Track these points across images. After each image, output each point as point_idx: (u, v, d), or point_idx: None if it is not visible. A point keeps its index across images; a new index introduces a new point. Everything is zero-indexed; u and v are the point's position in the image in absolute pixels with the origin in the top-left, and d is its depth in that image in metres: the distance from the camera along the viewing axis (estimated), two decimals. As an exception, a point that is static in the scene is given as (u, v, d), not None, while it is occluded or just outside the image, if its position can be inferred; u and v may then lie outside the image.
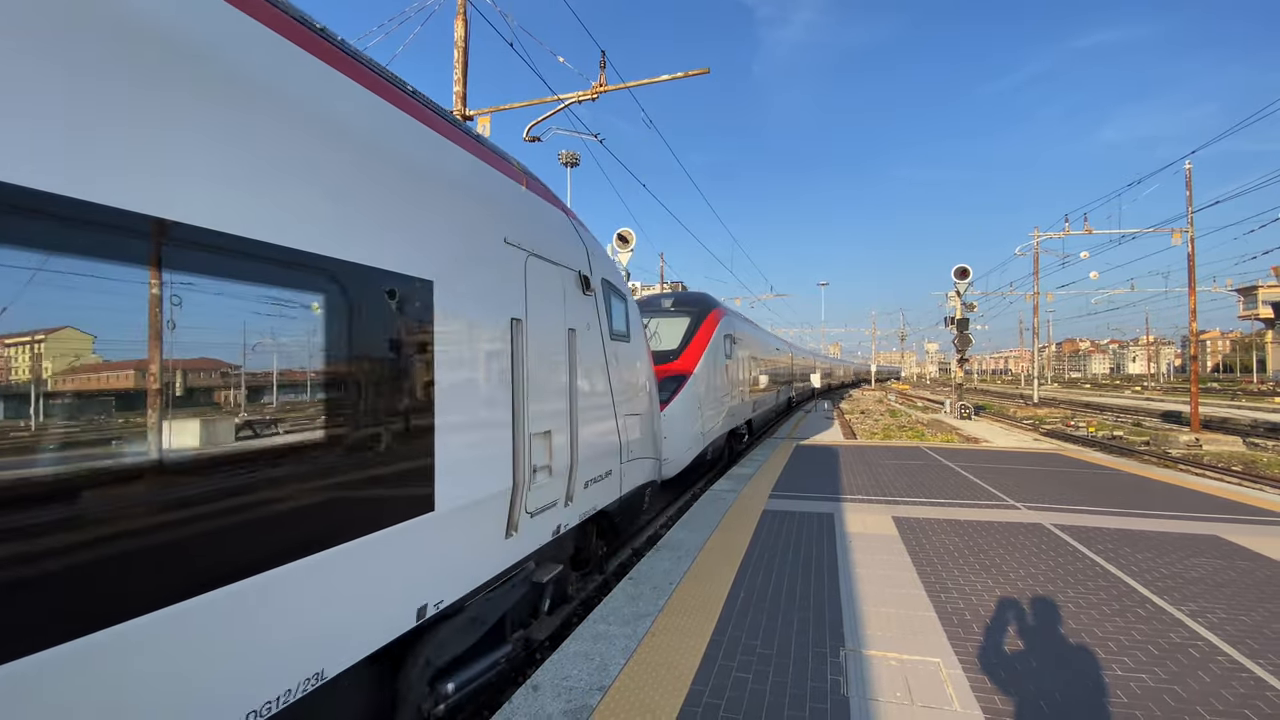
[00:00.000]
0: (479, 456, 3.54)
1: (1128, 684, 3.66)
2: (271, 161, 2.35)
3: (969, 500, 8.77)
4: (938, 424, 25.87)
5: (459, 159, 3.80)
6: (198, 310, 2.07)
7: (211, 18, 2.25)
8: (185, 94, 2.06)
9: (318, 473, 2.44)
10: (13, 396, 1.68)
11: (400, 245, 2.99)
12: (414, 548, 2.98)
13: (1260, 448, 21.62)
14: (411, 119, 3.38)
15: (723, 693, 3.56)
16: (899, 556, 6.11)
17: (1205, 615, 4.68)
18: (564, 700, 3.49)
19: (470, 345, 3.52)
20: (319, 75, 2.74)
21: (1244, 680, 3.70)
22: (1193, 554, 6.21)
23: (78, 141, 1.74)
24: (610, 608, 4.84)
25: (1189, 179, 24.42)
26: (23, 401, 1.69)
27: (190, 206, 2.03)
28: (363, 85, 3.03)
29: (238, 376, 2.24)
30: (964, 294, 25.42)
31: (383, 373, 2.81)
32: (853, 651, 4.07)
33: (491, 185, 4.13)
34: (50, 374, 1.73)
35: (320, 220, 2.53)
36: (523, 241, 4.23)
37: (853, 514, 7.89)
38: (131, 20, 1.93)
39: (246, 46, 2.37)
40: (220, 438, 2.17)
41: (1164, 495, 9.16)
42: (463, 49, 11.34)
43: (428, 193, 3.32)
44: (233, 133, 2.21)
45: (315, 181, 2.54)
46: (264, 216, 2.28)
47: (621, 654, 4.05)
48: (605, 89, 12.12)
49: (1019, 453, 14.49)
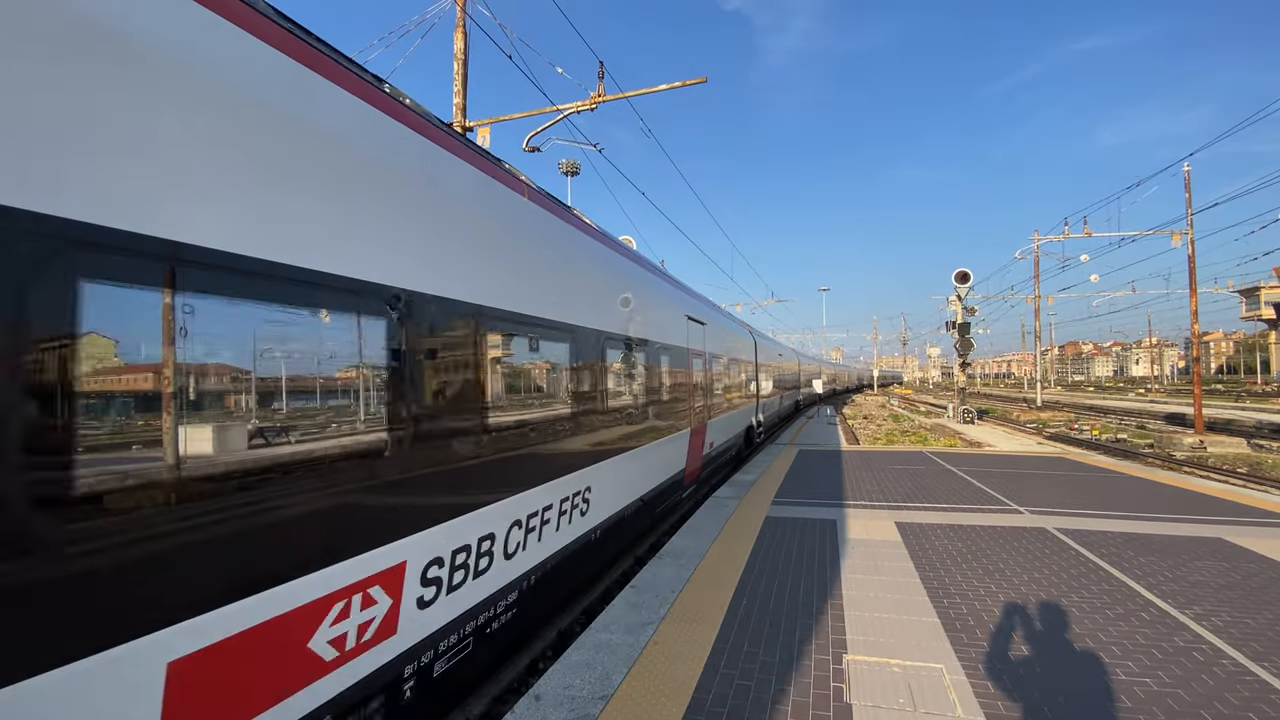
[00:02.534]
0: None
1: (1132, 688, 3.64)
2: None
3: (972, 505, 8.75)
4: (940, 428, 25.81)
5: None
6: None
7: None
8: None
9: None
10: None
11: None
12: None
13: (1265, 449, 21.52)
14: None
15: (725, 701, 3.56)
16: (902, 562, 6.10)
17: (1210, 619, 4.66)
18: (566, 710, 3.48)
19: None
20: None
21: (1248, 684, 3.69)
22: (1197, 557, 6.19)
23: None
24: (612, 616, 4.84)
25: (1188, 181, 24.47)
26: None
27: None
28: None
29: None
30: (965, 298, 25.44)
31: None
32: (855, 658, 4.07)
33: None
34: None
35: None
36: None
37: (855, 520, 7.88)
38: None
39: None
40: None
41: (1168, 498, 9.12)
42: (462, 61, 11.46)
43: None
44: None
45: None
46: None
47: (624, 663, 4.04)
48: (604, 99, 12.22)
49: (1022, 457, 14.44)
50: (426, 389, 3.30)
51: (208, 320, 2.18)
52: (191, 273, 2.07)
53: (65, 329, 1.74)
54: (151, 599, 1.95)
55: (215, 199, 2.16)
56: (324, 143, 2.73)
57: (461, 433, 3.61)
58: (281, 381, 2.53)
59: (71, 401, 1.75)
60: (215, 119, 2.20)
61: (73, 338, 1.76)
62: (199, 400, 2.19)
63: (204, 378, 2.21)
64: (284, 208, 2.45)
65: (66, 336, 1.74)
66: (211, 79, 2.22)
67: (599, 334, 5.83)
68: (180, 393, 2.08)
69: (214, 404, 2.27)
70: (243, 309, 2.32)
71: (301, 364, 2.61)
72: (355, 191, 2.85)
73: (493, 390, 3.97)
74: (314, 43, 2.86)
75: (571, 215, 5.97)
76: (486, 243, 4.06)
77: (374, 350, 2.92)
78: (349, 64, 3.07)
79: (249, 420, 2.39)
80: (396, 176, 3.19)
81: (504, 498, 4.03)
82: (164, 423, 2.02)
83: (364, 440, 2.87)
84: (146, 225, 1.91)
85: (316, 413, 2.69)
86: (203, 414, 2.20)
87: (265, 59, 2.49)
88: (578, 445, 5.23)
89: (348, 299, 2.73)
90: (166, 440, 2.02)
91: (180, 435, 2.07)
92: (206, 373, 2.22)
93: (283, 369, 2.53)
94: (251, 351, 2.38)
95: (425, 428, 3.27)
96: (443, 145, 3.74)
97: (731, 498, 9.40)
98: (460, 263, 3.68)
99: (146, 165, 1.93)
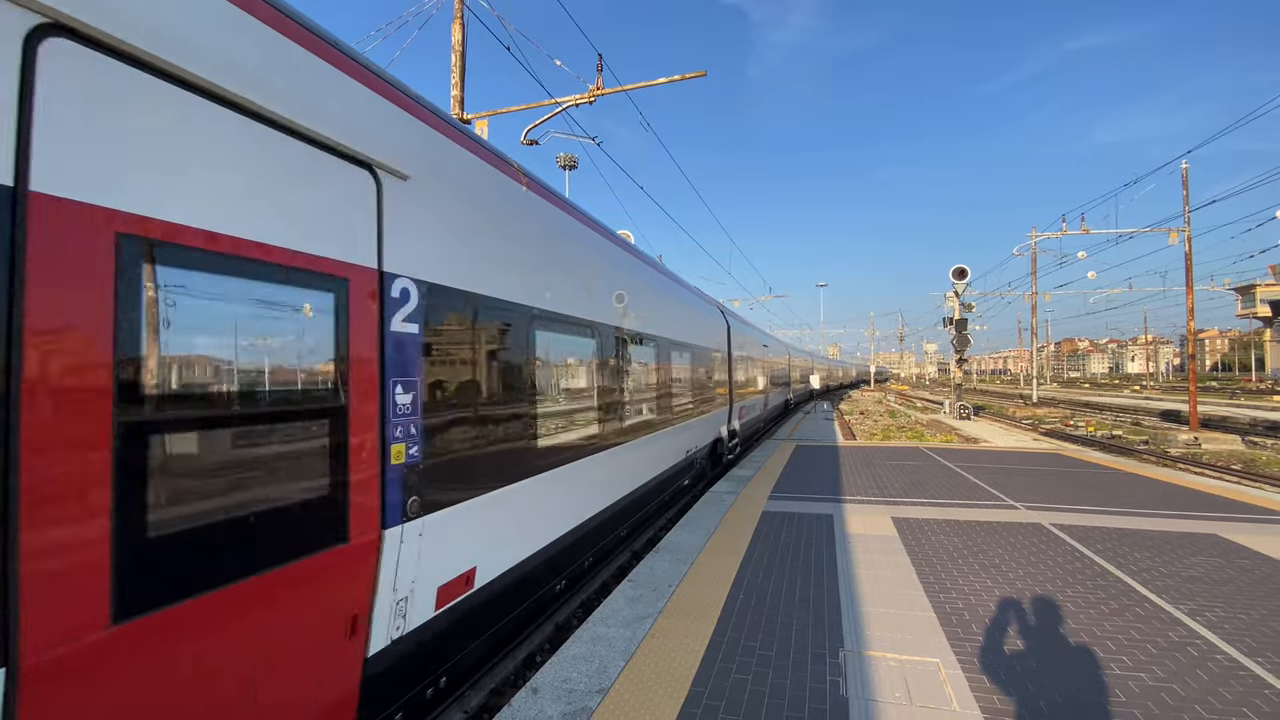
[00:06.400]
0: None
1: (1126, 683, 3.66)
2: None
3: (968, 500, 8.78)
4: (937, 424, 25.88)
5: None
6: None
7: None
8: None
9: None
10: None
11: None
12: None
13: (1259, 446, 21.63)
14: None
15: (722, 694, 3.57)
16: (898, 557, 6.12)
17: (1204, 614, 4.69)
18: (564, 703, 3.49)
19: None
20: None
21: (1242, 678, 3.71)
22: (1192, 553, 6.22)
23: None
24: (610, 610, 4.85)
25: (1185, 178, 24.49)
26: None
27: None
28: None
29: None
30: (962, 294, 25.46)
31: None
32: (852, 652, 4.08)
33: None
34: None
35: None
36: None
37: (852, 515, 7.90)
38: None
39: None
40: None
41: (1163, 494, 9.17)
42: (460, 53, 11.37)
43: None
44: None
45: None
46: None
47: (621, 656, 4.05)
48: (603, 92, 12.15)
49: (1018, 452, 14.50)
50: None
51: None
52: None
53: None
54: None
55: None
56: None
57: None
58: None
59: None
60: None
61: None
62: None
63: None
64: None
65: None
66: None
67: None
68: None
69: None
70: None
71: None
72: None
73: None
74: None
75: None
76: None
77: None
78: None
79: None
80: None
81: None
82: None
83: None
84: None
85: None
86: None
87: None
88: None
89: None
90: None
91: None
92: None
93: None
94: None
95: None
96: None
97: (729, 492, 9.42)
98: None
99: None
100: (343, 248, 2.82)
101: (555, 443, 5.04)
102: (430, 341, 3.43)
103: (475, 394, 3.92)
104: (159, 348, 2.11)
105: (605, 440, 6.20)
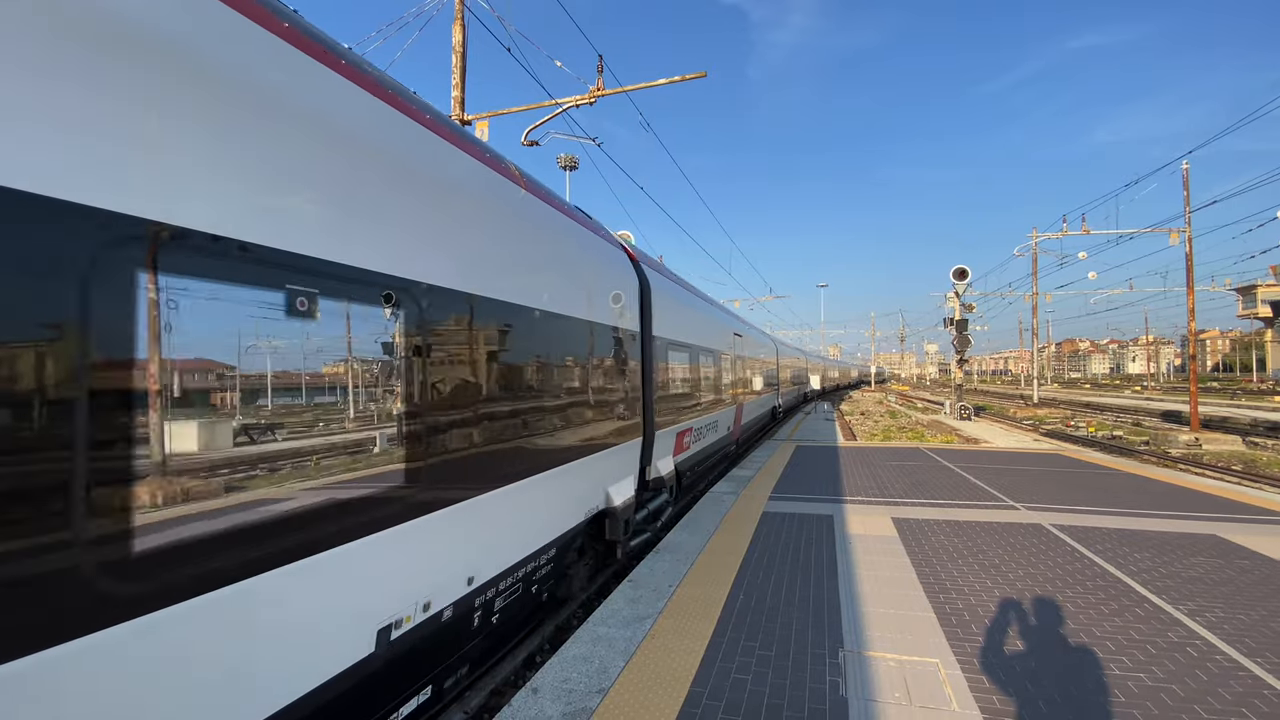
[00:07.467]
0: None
1: (1125, 683, 3.67)
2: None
3: (968, 501, 8.78)
4: (937, 425, 25.88)
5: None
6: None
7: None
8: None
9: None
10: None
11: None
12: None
13: (1260, 447, 21.62)
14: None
15: (722, 694, 3.57)
16: (898, 557, 6.12)
17: (1204, 614, 4.69)
18: (564, 703, 3.50)
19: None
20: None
21: (1241, 679, 3.71)
22: (1192, 553, 6.22)
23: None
24: (610, 610, 4.85)
25: (1186, 179, 24.48)
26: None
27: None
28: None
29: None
30: (963, 295, 25.47)
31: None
32: (851, 653, 4.08)
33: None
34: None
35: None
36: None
37: (852, 515, 7.90)
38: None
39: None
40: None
41: (1163, 495, 9.17)
42: (461, 54, 11.39)
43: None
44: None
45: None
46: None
47: (621, 656, 4.06)
48: (603, 93, 12.16)
49: (1019, 453, 14.50)
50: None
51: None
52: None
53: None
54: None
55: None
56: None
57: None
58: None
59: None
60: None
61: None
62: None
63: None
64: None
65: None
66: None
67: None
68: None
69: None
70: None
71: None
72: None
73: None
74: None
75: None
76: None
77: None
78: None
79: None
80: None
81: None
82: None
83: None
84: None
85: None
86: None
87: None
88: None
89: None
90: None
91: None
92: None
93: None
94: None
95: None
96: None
97: (729, 493, 9.42)
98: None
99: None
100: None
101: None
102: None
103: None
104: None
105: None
